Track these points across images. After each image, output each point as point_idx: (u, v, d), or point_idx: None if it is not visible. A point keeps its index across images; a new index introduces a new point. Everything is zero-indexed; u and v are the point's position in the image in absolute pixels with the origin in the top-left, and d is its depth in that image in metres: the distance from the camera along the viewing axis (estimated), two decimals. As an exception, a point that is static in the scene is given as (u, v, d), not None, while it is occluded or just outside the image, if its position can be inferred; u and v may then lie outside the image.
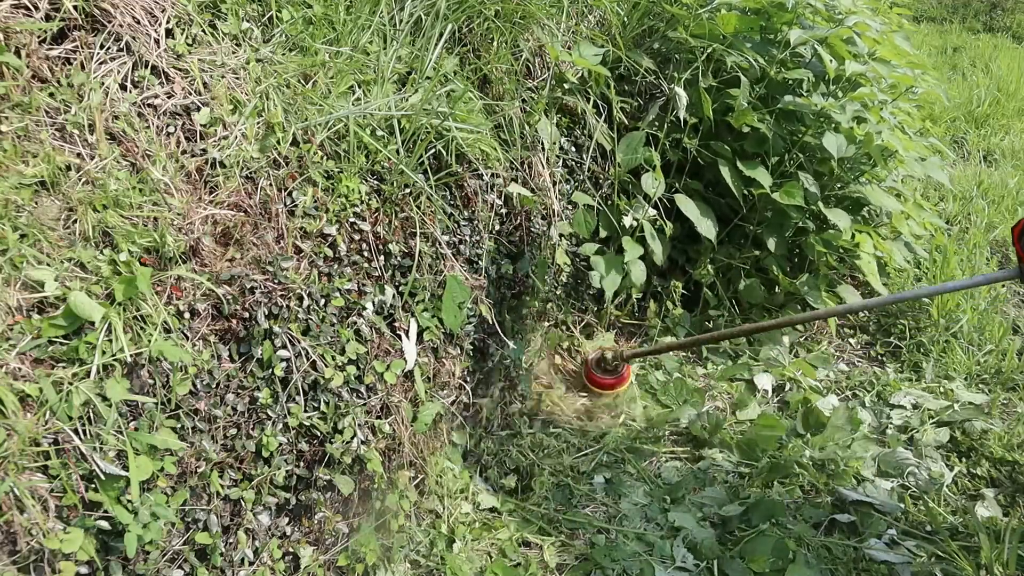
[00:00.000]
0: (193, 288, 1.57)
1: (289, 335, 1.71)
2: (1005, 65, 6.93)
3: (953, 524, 2.28)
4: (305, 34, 1.97)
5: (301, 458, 1.76)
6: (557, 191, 2.71)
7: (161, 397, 1.47)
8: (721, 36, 2.89)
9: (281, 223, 1.76)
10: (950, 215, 4.34)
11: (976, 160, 5.18)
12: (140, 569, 1.43)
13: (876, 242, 3.24)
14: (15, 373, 1.30)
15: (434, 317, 2.08)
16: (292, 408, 1.71)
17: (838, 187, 3.22)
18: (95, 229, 1.47)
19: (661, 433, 2.68)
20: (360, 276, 1.90)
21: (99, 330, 1.38)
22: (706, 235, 2.94)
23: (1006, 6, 9.25)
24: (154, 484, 1.45)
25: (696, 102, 2.86)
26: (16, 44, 1.50)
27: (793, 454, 2.53)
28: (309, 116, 1.86)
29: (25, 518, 1.26)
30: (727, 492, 2.40)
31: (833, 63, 2.91)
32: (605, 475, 2.47)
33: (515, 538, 2.18)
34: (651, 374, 2.99)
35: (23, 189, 1.41)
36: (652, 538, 2.20)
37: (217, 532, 1.57)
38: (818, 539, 2.20)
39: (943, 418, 2.73)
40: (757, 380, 2.98)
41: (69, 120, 1.53)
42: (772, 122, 2.96)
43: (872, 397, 2.91)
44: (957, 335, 3.20)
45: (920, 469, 2.49)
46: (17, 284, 1.35)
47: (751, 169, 2.91)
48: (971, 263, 3.68)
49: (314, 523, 1.81)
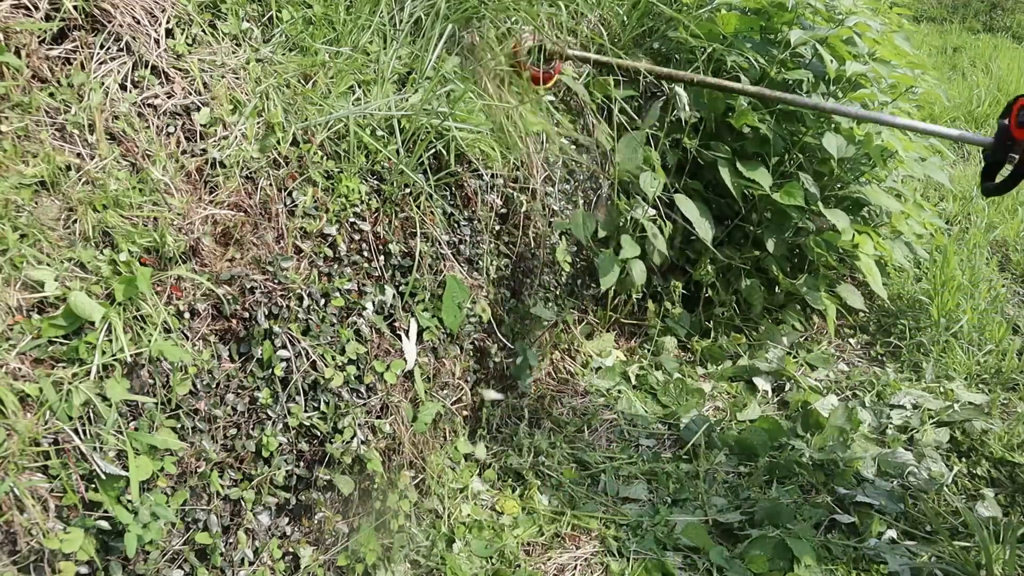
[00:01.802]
0: (193, 288, 1.57)
1: (289, 335, 1.71)
2: (1005, 65, 6.94)
3: (953, 524, 2.28)
4: (305, 34, 1.97)
5: (301, 458, 1.76)
6: (557, 191, 2.71)
7: (161, 397, 1.47)
8: (721, 36, 2.89)
9: (281, 223, 1.76)
10: (950, 215, 4.34)
11: (976, 160, 5.18)
12: (140, 569, 1.43)
13: (876, 242, 3.24)
14: (15, 373, 1.30)
15: (434, 317, 2.08)
16: (292, 408, 1.71)
17: (838, 187, 3.22)
18: (95, 229, 1.47)
19: (660, 433, 2.68)
20: (360, 276, 1.90)
21: (99, 330, 1.38)
22: (703, 237, 2.94)
23: (1006, 6, 9.26)
24: (154, 484, 1.45)
25: (698, 101, 2.86)
26: (16, 44, 1.50)
27: (793, 454, 2.53)
28: (309, 116, 1.86)
29: (25, 518, 1.26)
30: (727, 493, 2.40)
31: (834, 63, 2.91)
32: (605, 475, 2.47)
33: (519, 540, 2.17)
34: (651, 374, 2.99)
35: (23, 189, 1.41)
36: (653, 539, 2.20)
37: (217, 532, 1.57)
38: (818, 539, 2.20)
39: (943, 418, 2.73)
40: (757, 380, 2.98)
41: (69, 120, 1.53)
42: (772, 122, 2.96)
43: (872, 397, 2.91)
44: (957, 335, 3.20)
45: (920, 469, 2.49)
46: (17, 284, 1.35)
47: (751, 170, 2.91)
48: (971, 263, 3.68)
49: (314, 523, 1.81)
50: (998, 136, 1.93)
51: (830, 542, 2.19)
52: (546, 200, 2.66)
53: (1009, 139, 1.90)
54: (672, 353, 3.12)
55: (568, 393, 2.87)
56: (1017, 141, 1.88)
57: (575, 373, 2.96)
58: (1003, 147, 1.92)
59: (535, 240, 2.58)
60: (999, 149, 1.93)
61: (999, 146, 1.93)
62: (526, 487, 2.37)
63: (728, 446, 2.60)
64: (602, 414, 2.78)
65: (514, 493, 2.36)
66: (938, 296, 3.34)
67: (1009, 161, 1.93)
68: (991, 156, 1.96)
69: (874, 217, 3.41)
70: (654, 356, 3.09)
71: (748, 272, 3.21)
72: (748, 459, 2.56)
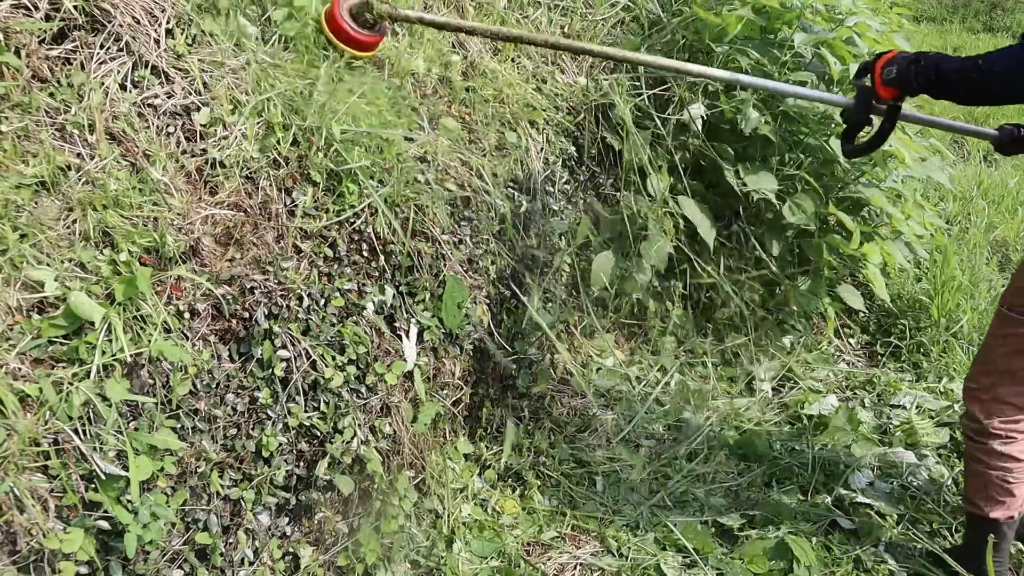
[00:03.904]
0: (193, 288, 1.57)
1: (289, 335, 1.71)
2: (1005, 65, 6.92)
3: (953, 524, 2.28)
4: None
5: (301, 458, 1.76)
6: (558, 191, 2.71)
7: (161, 397, 1.47)
8: (729, 38, 2.89)
9: (281, 223, 1.76)
10: (950, 215, 4.33)
11: (976, 160, 5.18)
12: (140, 569, 1.43)
13: (881, 247, 3.23)
14: (15, 373, 1.30)
15: (434, 317, 2.08)
16: (292, 408, 1.71)
17: (838, 188, 3.22)
18: (95, 229, 1.47)
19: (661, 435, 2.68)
20: (360, 276, 1.90)
21: (99, 330, 1.38)
22: (706, 238, 2.93)
23: (1006, 6, 9.25)
24: (154, 484, 1.45)
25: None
26: (16, 44, 1.50)
27: (793, 455, 2.53)
28: (309, 116, 1.86)
29: (25, 518, 1.26)
30: (727, 493, 2.40)
31: (837, 64, 2.91)
32: (605, 476, 2.47)
33: (519, 540, 2.17)
34: (651, 374, 2.99)
35: (23, 189, 1.41)
36: (653, 539, 2.20)
37: (217, 532, 1.57)
38: (819, 540, 2.20)
39: (943, 418, 2.73)
40: (757, 381, 2.98)
41: (69, 120, 1.53)
42: (775, 125, 2.96)
43: (872, 397, 2.91)
44: (957, 335, 3.20)
45: (920, 469, 2.49)
46: (17, 284, 1.35)
47: (755, 173, 2.91)
48: (971, 263, 3.67)
49: (314, 523, 1.81)
50: (860, 97, 1.88)
51: (831, 543, 2.19)
52: (546, 200, 2.66)
53: (874, 99, 1.86)
54: (672, 353, 3.11)
55: (568, 393, 2.87)
56: (882, 100, 1.85)
57: (575, 373, 2.96)
58: (866, 108, 1.88)
59: (535, 240, 2.58)
60: (862, 110, 1.89)
61: (862, 107, 1.88)
62: (526, 487, 2.37)
63: (728, 447, 2.60)
64: (602, 414, 2.78)
65: (514, 493, 2.36)
66: (938, 296, 3.33)
67: (869, 123, 1.91)
68: (854, 118, 1.92)
69: (874, 217, 3.41)
70: (654, 356, 3.09)
71: (749, 272, 3.21)
72: (748, 460, 2.55)
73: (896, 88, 1.81)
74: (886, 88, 1.83)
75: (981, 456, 1.95)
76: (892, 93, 1.83)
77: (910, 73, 1.77)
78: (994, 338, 1.94)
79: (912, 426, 2.69)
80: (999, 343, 1.91)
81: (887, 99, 1.84)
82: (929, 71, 1.74)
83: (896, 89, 1.81)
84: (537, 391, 2.65)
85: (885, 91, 1.83)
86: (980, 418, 1.94)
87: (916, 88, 1.78)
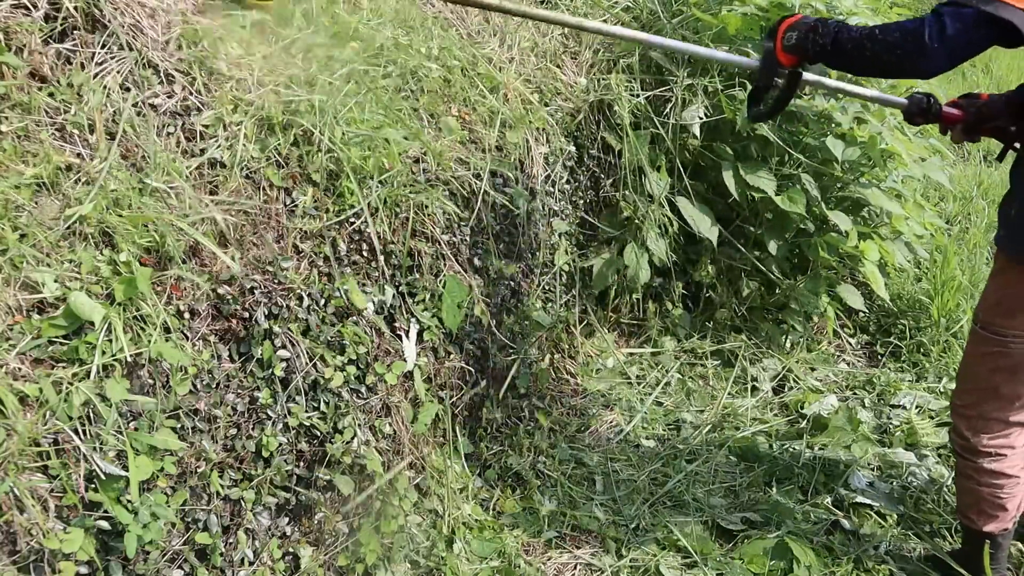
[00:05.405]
0: (193, 288, 1.57)
1: (289, 335, 1.71)
2: (1005, 65, 6.93)
3: (953, 524, 2.28)
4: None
5: (301, 458, 1.76)
6: (558, 191, 2.72)
7: (161, 397, 1.47)
8: (729, 37, 2.89)
9: (281, 223, 1.76)
10: (950, 215, 4.33)
11: (976, 160, 5.18)
12: (140, 569, 1.43)
13: (880, 246, 3.23)
14: (15, 373, 1.30)
15: (434, 317, 2.08)
16: (292, 408, 1.71)
17: (838, 188, 3.22)
18: (95, 229, 1.47)
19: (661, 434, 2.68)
20: (360, 276, 1.90)
21: (99, 330, 1.38)
22: (707, 236, 2.94)
23: (1006, 6, 9.23)
24: (154, 484, 1.45)
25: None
26: (16, 44, 1.50)
27: (793, 455, 2.53)
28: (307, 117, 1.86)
29: (25, 518, 1.26)
30: (727, 493, 2.40)
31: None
32: (605, 476, 2.47)
33: (519, 540, 2.17)
34: (651, 374, 2.99)
35: (23, 189, 1.41)
36: (653, 539, 2.20)
37: (217, 532, 1.57)
38: (819, 540, 2.20)
39: (943, 418, 2.73)
40: (757, 381, 2.98)
41: (69, 120, 1.53)
42: (774, 124, 2.96)
43: (872, 397, 2.91)
44: (957, 335, 3.20)
45: (920, 469, 2.49)
46: (17, 284, 1.35)
47: (754, 173, 2.91)
48: (971, 263, 3.67)
49: (314, 523, 1.81)
50: (764, 60, 1.85)
51: (831, 543, 2.19)
52: (546, 200, 2.66)
53: (776, 63, 1.82)
54: (672, 353, 3.11)
55: (568, 393, 2.87)
56: (782, 66, 1.81)
57: (575, 373, 2.96)
58: (770, 71, 1.84)
59: (535, 240, 2.58)
60: (766, 73, 1.85)
61: (766, 70, 1.85)
62: (526, 487, 2.37)
63: (728, 447, 2.60)
64: (602, 414, 2.78)
65: (514, 493, 2.36)
66: (938, 296, 3.33)
67: (775, 86, 1.86)
68: (759, 81, 1.88)
69: (874, 217, 3.41)
70: (654, 356, 3.09)
71: (748, 273, 3.21)
72: (748, 460, 2.55)
73: (794, 55, 1.77)
74: (785, 54, 1.79)
75: (971, 473, 1.92)
76: (791, 60, 1.79)
77: (807, 40, 1.72)
78: (972, 356, 1.89)
79: (912, 426, 2.69)
80: (977, 361, 1.87)
81: (787, 65, 1.81)
82: (826, 39, 1.69)
83: (794, 56, 1.77)
84: (537, 391, 2.65)
85: (785, 57, 1.79)
86: (968, 436, 1.90)
87: (813, 56, 1.73)
